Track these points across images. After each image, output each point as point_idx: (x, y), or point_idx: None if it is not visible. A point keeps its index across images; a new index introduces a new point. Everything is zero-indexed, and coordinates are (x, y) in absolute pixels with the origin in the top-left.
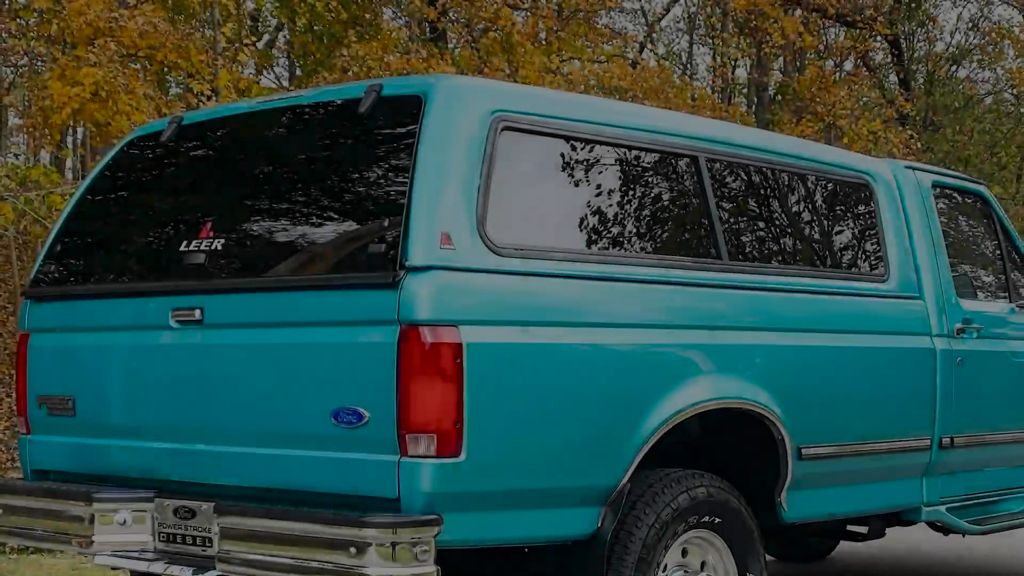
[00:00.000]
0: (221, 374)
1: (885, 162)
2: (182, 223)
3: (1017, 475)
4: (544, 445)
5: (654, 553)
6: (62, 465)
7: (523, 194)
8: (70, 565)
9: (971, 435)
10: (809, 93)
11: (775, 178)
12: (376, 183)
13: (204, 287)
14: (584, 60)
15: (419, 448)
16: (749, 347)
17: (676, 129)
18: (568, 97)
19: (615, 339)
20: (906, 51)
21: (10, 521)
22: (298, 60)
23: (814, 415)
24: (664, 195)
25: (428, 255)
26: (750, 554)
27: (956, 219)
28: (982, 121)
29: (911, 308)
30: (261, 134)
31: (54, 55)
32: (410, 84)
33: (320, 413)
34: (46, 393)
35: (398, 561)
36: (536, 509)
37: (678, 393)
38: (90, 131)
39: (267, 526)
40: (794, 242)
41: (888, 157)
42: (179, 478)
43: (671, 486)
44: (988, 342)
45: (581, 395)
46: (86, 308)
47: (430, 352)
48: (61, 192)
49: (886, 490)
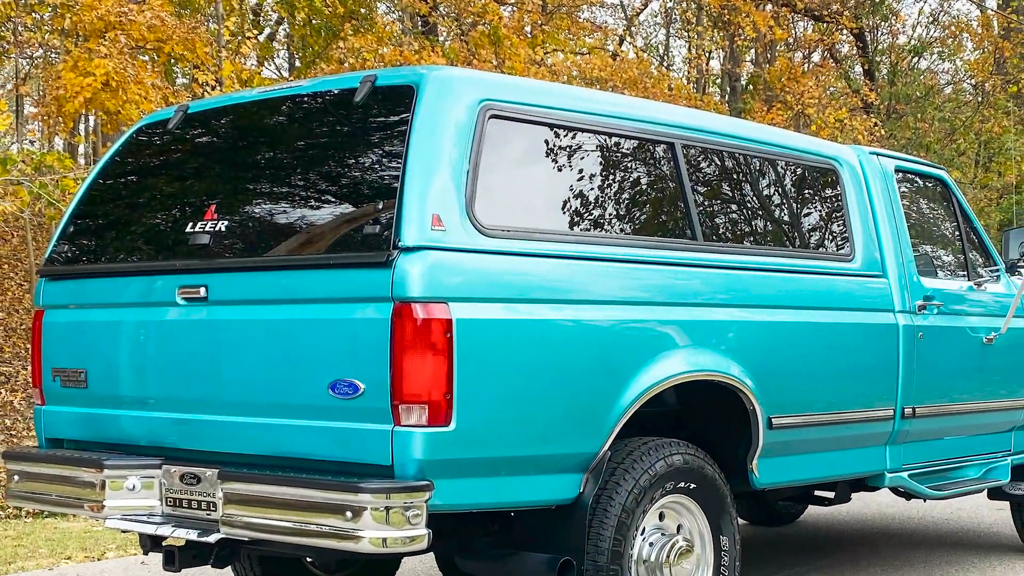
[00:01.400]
0: (225, 348)
1: (851, 148)
2: (188, 206)
3: (974, 443)
4: (529, 415)
5: (633, 517)
6: (75, 434)
7: (509, 178)
8: (83, 528)
9: (931, 406)
10: (779, 83)
11: (747, 163)
12: (370, 168)
13: (209, 266)
14: (567, 52)
15: (411, 418)
16: (722, 323)
17: (653, 117)
18: (552, 87)
19: (596, 315)
20: (870, 43)
21: (26, 487)
22: (297, 52)
23: (784, 387)
24: (642, 179)
25: (420, 236)
26: (723, 518)
27: (918, 202)
28: (942, 110)
29: (875, 286)
30: (262, 122)
31: (67, 47)
32: (403, 75)
33: (318, 385)
34: (59, 366)
35: (391, 524)
36: (522, 475)
37: (655, 366)
38: (101, 119)
39: (268, 491)
40: (765, 224)
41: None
42: (185, 446)
43: (649, 454)
44: (948, 318)
45: (564, 368)
46: (97, 286)
47: (422, 327)
48: (74, 176)
49: (852, 458)
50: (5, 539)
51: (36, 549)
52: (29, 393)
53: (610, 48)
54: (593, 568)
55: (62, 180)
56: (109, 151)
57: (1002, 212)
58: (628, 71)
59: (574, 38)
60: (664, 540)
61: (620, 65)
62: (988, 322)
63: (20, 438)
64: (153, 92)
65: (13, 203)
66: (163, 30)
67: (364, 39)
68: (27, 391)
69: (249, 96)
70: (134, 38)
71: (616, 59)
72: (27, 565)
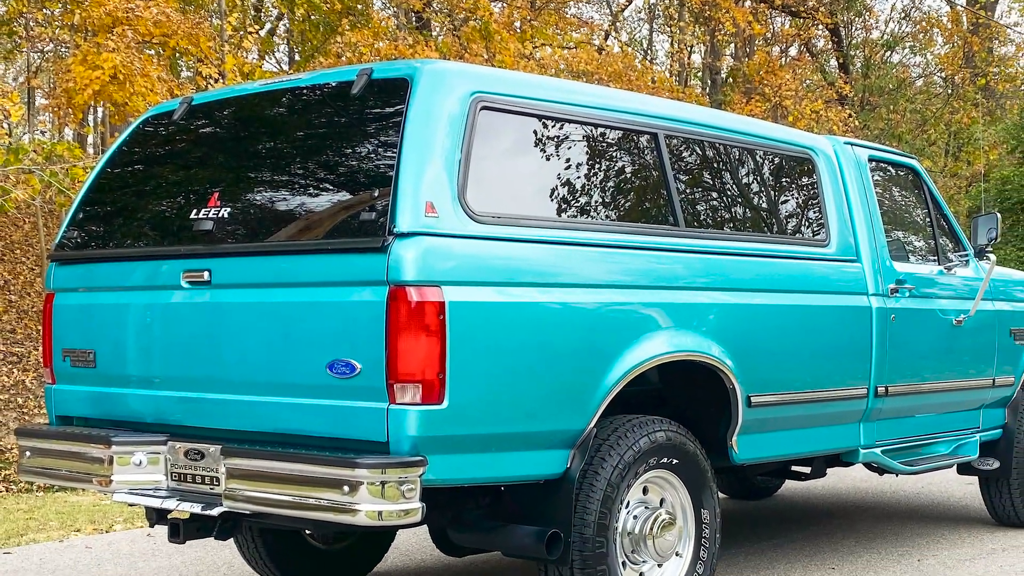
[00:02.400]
0: (227, 329)
1: (826, 138)
2: (192, 193)
3: (944, 420)
4: (518, 393)
5: (618, 491)
6: (84, 411)
7: (500, 167)
8: (91, 502)
9: (903, 385)
10: (758, 76)
11: (727, 153)
12: (367, 157)
13: (212, 251)
14: (555, 47)
15: (406, 396)
16: (704, 305)
17: (637, 108)
18: (540, 80)
19: (582, 298)
20: (845, 38)
21: (37, 462)
22: (297, 46)
23: (762, 367)
24: (627, 168)
25: (414, 222)
26: (704, 492)
27: (890, 190)
28: (914, 101)
29: (849, 270)
30: (263, 113)
31: (77, 42)
32: (398, 68)
33: (316, 365)
34: (69, 347)
35: (387, 498)
36: (511, 451)
37: (639, 347)
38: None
39: (269, 467)
40: (744, 210)
41: (829, 134)
42: (189, 423)
43: (633, 431)
44: (919, 301)
45: (552, 348)
46: (105, 270)
47: (416, 310)
48: (83, 165)
49: (827, 434)
50: (17, 512)
51: (47, 522)
52: (40, 372)
53: (596, 43)
54: (580, 540)
55: (72, 169)
56: (117, 141)
57: (971, 199)
58: (613, 65)
59: (561, 33)
60: (648, 513)
61: (605, 59)
62: (958, 305)
63: (32, 416)
64: (159, 85)
65: (25, 191)
66: (168, 25)
67: (360, 34)
68: (38, 371)
69: (251, 88)
70: (141, 33)
71: (602, 53)
72: (38, 537)
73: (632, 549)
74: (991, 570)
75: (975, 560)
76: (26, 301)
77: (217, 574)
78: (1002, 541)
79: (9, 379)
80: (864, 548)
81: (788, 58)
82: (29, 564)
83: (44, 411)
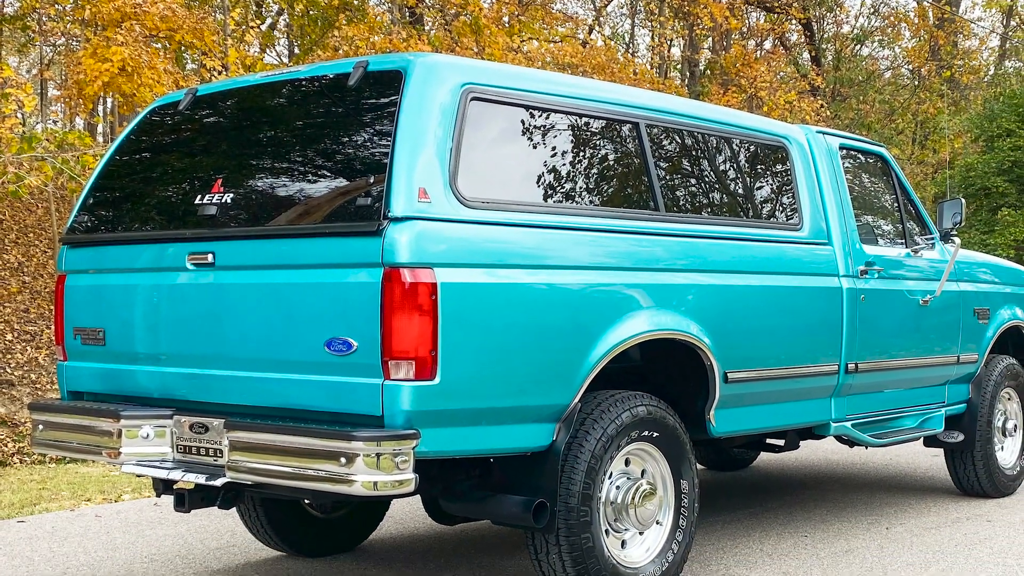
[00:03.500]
0: (230, 309)
1: (799, 127)
2: (197, 179)
3: (911, 396)
4: (507, 370)
5: (601, 462)
6: (94, 387)
7: (489, 155)
8: (101, 473)
9: (872, 361)
10: (734, 68)
11: (705, 141)
12: (362, 146)
13: (216, 234)
14: (541, 40)
15: (400, 373)
16: (683, 286)
17: (620, 99)
18: (527, 72)
19: (568, 279)
20: (817, 32)
21: (50, 435)
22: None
23: (738, 344)
24: (609, 156)
25: (407, 207)
26: (683, 463)
27: (860, 176)
28: (882, 92)
29: (821, 253)
30: (264, 104)
31: (87, 36)
32: (392, 61)
33: (315, 343)
34: (80, 325)
35: (382, 469)
36: (500, 425)
37: (622, 326)
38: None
39: (270, 439)
40: (721, 196)
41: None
42: (194, 398)
43: (616, 405)
44: (887, 282)
45: (539, 327)
46: (114, 252)
47: (409, 290)
48: (93, 153)
49: (800, 409)
50: (31, 483)
51: (59, 492)
52: (52, 350)
53: (580, 36)
54: (565, 509)
55: (82, 156)
56: (125, 130)
57: (937, 186)
58: (597, 57)
59: (548, 27)
60: (630, 484)
61: (589, 52)
62: (924, 286)
63: (44, 391)
64: (165, 77)
65: (38, 177)
66: (174, 20)
67: (357, 28)
68: (51, 348)
69: (252, 80)
70: (148, 27)
71: (586, 46)
72: (51, 506)
73: (615, 518)
74: (956, 537)
75: (940, 528)
76: (39, 282)
77: (220, 541)
78: (966, 510)
79: (23, 356)
80: (835, 517)
81: (763, 51)
82: (42, 532)
83: (56, 387)
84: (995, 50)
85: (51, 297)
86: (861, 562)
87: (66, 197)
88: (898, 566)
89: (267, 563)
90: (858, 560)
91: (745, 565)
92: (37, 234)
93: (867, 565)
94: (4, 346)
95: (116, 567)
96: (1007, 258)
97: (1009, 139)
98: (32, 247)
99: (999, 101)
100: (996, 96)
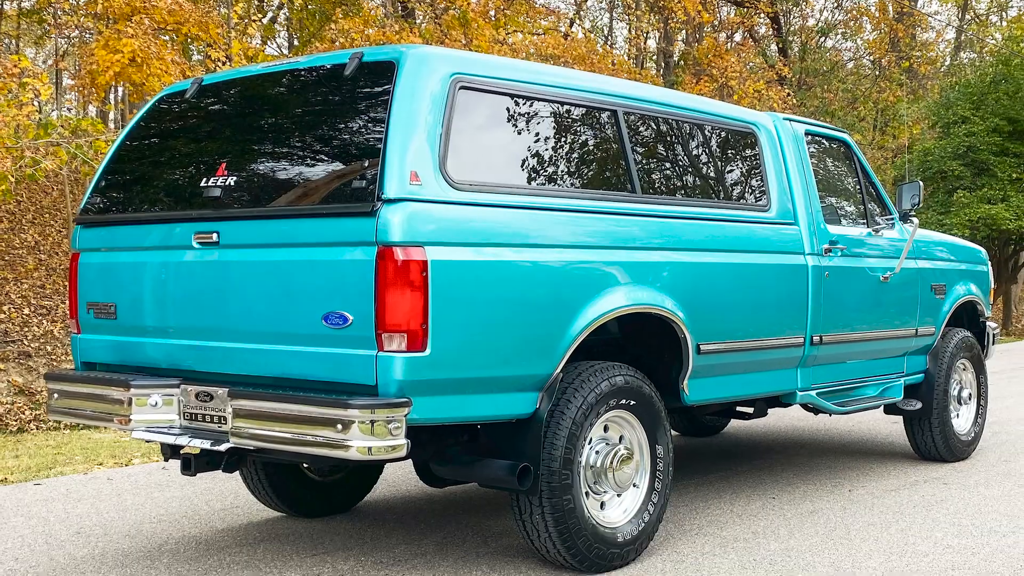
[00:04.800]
0: (233, 285)
1: (767, 115)
2: (202, 163)
3: (872, 366)
4: (493, 342)
5: (582, 429)
6: (106, 358)
7: (476, 140)
8: (112, 439)
9: (836, 334)
10: (706, 59)
11: (679, 128)
12: (357, 132)
13: (220, 215)
14: (525, 33)
15: (393, 345)
16: (658, 264)
17: (599, 88)
18: (512, 63)
19: (550, 257)
20: (784, 25)
21: (64, 404)
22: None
23: (710, 318)
24: (589, 141)
25: (400, 189)
26: (658, 430)
27: (824, 160)
28: (845, 82)
29: (788, 232)
30: (266, 92)
31: (99, 29)
32: (385, 52)
33: (313, 316)
34: (93, 300)
35: (376, 435)
36: (487, 393)
37: (601, 300)
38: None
39: (271, 407)
40: (694, 179)
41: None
42: (200, 368)
43: (595, 375)
44: (849, 259)
45: (523, 302)
46: (125, 232)
47: (401, 268)
48: (105, 139)
49: (768, 378)
50: (46, 448)
51: (73, 456)
52: (67, 324)
53: (562, 29)
54: (548, 472)
55: (95, 142)
56: (135, 117)
57: (896, 169)
58: (577, 49)
59: (531, 21)
60: (608, 449)
61: (570, 44)
62: (884, 263)
63: (59, 362)
64: (172, 67)
65: (53, 161)
66: (181, 14)
67: (352, 22)
68: (65, 322)
69: (254, 70)
70: (156, 21)
71: (567, 39)
72: (65, 470)
73: (594, 480)
74: (914, 499)
75: (899, 491)
76: (55, 260)
77: (224, 503)
78: (923, 473)
79: (39, 329)
80: (801, 480)
81: (733, 43)
82: (57, 494)
83: (71, 358)
84: (951, 42)
85: (66, 274)
86: (825, 522)
87: (80, 180)
88: (860, 526)
89: (268, 523)
90: (823, 520)
91: (717, 525)
92: (52, 215)
93: (831, 525)
94: (22, 320)
95: (127, 526)
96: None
97: (964, 126)
98: (48, 227)
99: (955, 90)
100: (952, 85)
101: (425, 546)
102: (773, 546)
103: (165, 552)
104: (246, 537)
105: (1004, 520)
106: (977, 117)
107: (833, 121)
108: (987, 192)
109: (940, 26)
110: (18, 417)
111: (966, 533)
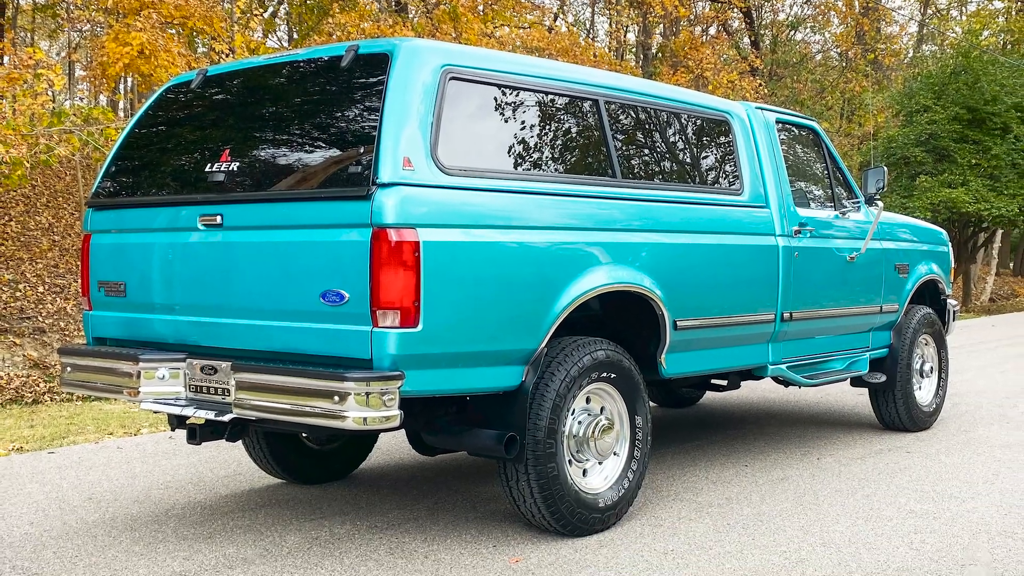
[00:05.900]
0: (236, 265)
1: (740, 104)
2: (207, 150)
3: (839, 341)
4: (482, 318)
5: (565, 400)
6: (116, 334)
7: (466, 128)
8: (122, 410)
9: (805, 311)
10: (683, 52)
11: (656, 116)
12: (353, 120)
13: (224, 199)
14: (512, 27)
15: (387, 321)
16: (637, 244)
17: (581, 79)
18: (500, 55)
19: (535, 238)
20: (756, 20)
21: (77, 376)
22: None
23: (687, 296)
24: (572, 129)
25: (393, 174)
26: (637, 401)
27: (794, 147)
28: (814, 73)
29: (760, 215)
30: (267, 83)
31: (110, 23)
32: (380, 45)
33: (311, 294)
34: (104, 279)
35: (371, 407)
36: (476, 367)
37: (583, 279)
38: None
39: (271, 380)
40: (671, 164)
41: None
42: (204, 343)
43: (578, 350)
44: (818, 240)
45: (510, 281)
46: (134, 214)
47: (395, 248)
48: (115, 127)
49: (741, 353)
50: (59, 418)
51: (84, 427)
52: (79, 301)
53: (546, 23)
54: (533, 442)
55: (105, 129)
56: (143, 106)
57: (862, 155)
58: (561, 42)
59: (517, 15)
60: (590, 419)
61: (554, 37)
62: (850, 244)
63: (72, 337)
64: (178, 59)
65: (66, 148)
66: (187, 8)
67: (348, 16)
68: (77, 300)
69: (256, 62)
70: (163, 15)
71: (551, 32)
72: (77, 439)
73: (577, 449)
74: (879, 466)
75: (865, 459)
76: (67, 241)
77: (228, 470)
78: (888, 443)
79: (53, 306)
80: (772, 448)
81: (708, 36)
82: (69, 462)
83: (83, 333)
84: (914, 35)
85: (78, 254)
86: (795, 489)
87: (91, 165)
88: (828, 492)
89: (269, 489)
90: (792, 487)
91: (692, 491)
92: (65, 198)
93: (800, 491)
94: (36, 297)
95: (136, 493)
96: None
97: (926, 114)
98: (61, 210)
99: (917, 81)
100: (914, 76)
101: (417, 511)
102: (746, 511)
103: (172, 517)
104: (248, 502)
105: (963, 486)
106: (938, 106)
107: (802, 110)
108: (948, 177)
109: (904, 20)
110: (33, 389)
111: (928, 499)
